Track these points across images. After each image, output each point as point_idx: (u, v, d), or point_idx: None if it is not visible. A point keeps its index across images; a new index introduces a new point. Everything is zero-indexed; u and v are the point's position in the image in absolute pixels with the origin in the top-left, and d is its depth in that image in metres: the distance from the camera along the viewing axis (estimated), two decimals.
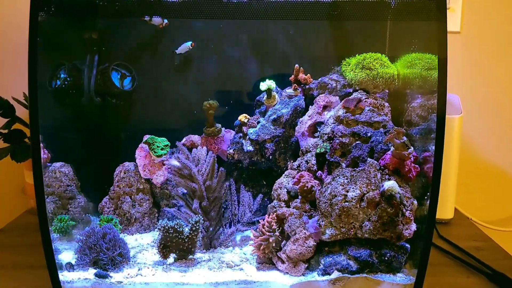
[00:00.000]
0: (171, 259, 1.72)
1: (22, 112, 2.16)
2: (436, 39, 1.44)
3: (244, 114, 2.03)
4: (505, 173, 2.57)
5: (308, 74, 1.99)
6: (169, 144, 2.03)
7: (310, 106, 1.94)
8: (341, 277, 1.52)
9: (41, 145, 1.46)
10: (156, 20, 2.01)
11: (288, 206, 1.73)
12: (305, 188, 1.68)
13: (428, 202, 1.49)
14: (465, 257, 1.81)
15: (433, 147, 1.46)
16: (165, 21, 2.02)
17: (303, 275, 1.59)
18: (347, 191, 1.53)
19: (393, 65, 1.86)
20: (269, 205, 1.79)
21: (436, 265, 1.74)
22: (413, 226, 1.53)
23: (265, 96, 2.01)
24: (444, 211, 2.13)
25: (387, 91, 1.86)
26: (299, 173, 1.76)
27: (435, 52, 1.48)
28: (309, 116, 1.91)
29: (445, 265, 1.78)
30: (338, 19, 2.00)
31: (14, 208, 2.28)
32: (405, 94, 1.84)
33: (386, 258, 1.53)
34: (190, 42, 2.04)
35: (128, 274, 1.60)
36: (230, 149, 2.02)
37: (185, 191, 1.88)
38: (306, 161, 1.80)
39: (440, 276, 1.68)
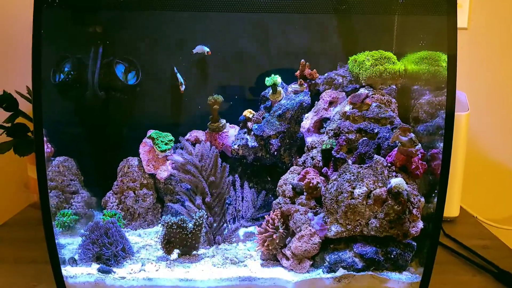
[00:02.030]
0: (174, 255, 1.71)
1: (25, 106, 2.15)
2: (445, 34, 1.42)
3: (249, 110, 2.02)
4: (511, 171, 2.56)
5: (314, 70, 1.97)
6: (173, 139, 2.02)
7: (316, 102, 1.93)
8: (347, 274, 1.51)
9: (45, 139, 1.45)
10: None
11: (293, 203, 1.72)
12: (311, 184, 1.66)
13: (435, 199, 1.47)
14: (471, 256, 1.80)
15: (441, 144, 1.45)
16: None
17: (308, 272, 1.58)
18: (354, 188, 1.52)
19: (400, 61, 1.85)
20: (274, 202, 1.77)
21: (441, 263, 1.73)
22: (420, 224, 1.51)
23: (270, 91, 2.00)
24: (450, 209, 2.12)
25: (394, 87, 1.84)
26: (305, 170, 1.75)
27: (443, 48, 1.46)
28: (315, 112, 1.89)
29: (451, 263, 1.76)
30: (345, 13, 1.98)
31: (17, 203, 2.27)
32: (412, 90, 1.83)
33: (392, 256, 1.52)
34: (208, 50, 2.03)
35: (132, 270, 1.59)
36: (234, 144, 2.01)
37: (189, 186, 1.87)
38: (312, 157, 1.78)
39: (446, 275, 1.67)
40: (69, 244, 1.77)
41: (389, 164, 1.57)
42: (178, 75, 2.05)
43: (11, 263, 1.72)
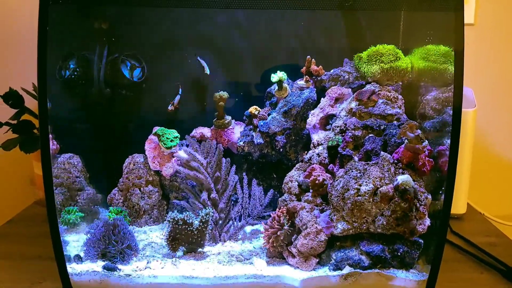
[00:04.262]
0: (180, 252, 1.71)
1: (31, 103, 2.15)
2: (452, 30, 1.41)
3: (255, 106, 2.01)
4: None
5: (320, 66, 1.96)
6: (179, 136, 2.01)
7: (322, 98, 1.92)
8: (353, 272, 1.50)
9: (50, 136, 1.45)
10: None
11: (299, 200, 1.71)
12: (317, 181, 1.66)
13: (442, 196, 1.46)
14: (478, 253, 1.79)
15: (448, 141, 1.44)
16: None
17: (314, 270, 1.57)
18: (360, 185, 1.51)
19: (407, 57, 1.84)
20: (279, 199, 1.77)
21: (449, 261, 1.71)
22: (427, 221, 1.50)
23: (276, 87, 1.99)
24: (457, 206, 2.11)
25: (400, 83, 1.83)
26: (311, 166, 1.74)
27: (450, 44, 1.45)
28: (321, 109, 1.88)
29: (458, 261, 1.76)
30: (351, 9, 1.97)
31: (23, 199, 2.28)
32: (419, 86, 1.81)
33: (399, 254, 1.51)
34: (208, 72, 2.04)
35: (137, 267, 1.58)
36: (240, 141, 2.00)
37: (194, 183, 1.87)
38: (318, 154, 1.77)
39: (453, 272, 1.66)
40: (74, 241, 1.77)
41: (395, 161, 1.57)
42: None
43: (16, 260, 1.72)
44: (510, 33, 2.41)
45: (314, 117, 1.89)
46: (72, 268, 1.55)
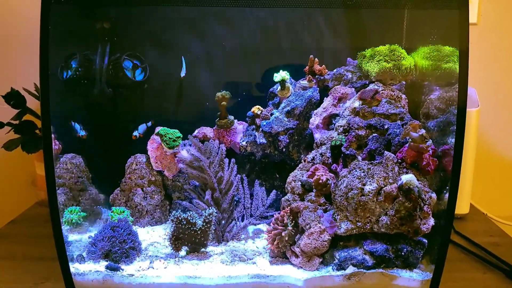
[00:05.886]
0: (183, 252, 1.70)
1: (32, 103, 2.15)
2: (456, 29, 1.40)
3: (257, 106, 2.01)
4: None
5: (323, 65, 1.96)
6: (181, 136, 2.01)
7: (325, 98, 1.92)
8: (357, 272, 1.50)
9: (52, 136, 1.44)
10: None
11: (303, 200, 1.71)
12: (320, 181, 1.65)
13: (446, 196, 1.46)
14: (481, 253, 1.78)
15: (452, 140, 1.43)
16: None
17: (318, 270, 1.57)
18: (364, 185, 1.50)
19: (410, 57, 1.83)
20: (282, 199, 1.76)
21: (452, 260, 1.70)
22: (431, 221, 1.50)
23: (279, 87, 1.98)
24: (460, 206, 2.10)
25: (404, 82, 1.83)
26: (314, 166, 1.74)
27: (454, 43, 1.44)
28: (324, 108, 1.88)
29: (461, 261, 1.75)
30: (354, 8, 1.96)
31: (25, 200, 2.27)
32: (423, 86, 1.81)
33: (402, 253, 1.50)
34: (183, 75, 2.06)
35: (140, 267, 1.58)
36: (242, 141, 2.00)
37: (197, 183, 1.87)
38: (321, 153, 1.77)
39: (457, 272, 1.66)
40: (77, 241, 1.77)
41: (399, 161, 1.56)
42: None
43: (19, 260, 1.72)
44: None
45: (317, 116, 1.88)
46: (75, 268, 1.55)
